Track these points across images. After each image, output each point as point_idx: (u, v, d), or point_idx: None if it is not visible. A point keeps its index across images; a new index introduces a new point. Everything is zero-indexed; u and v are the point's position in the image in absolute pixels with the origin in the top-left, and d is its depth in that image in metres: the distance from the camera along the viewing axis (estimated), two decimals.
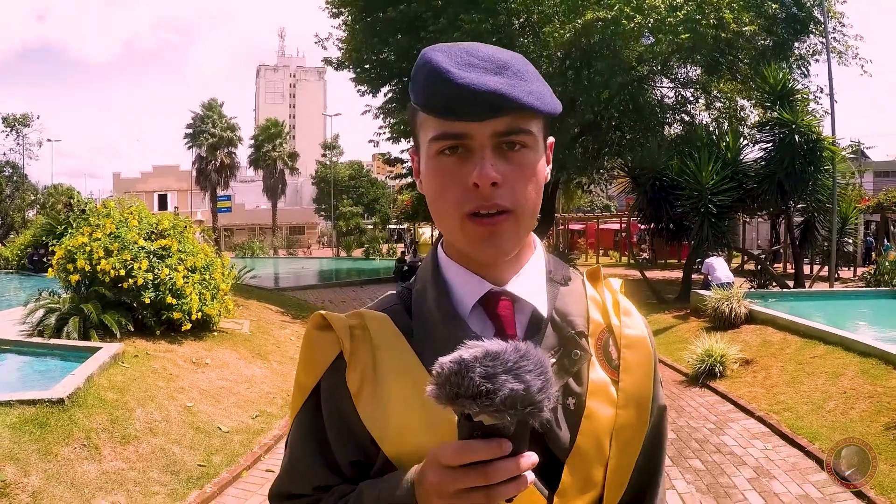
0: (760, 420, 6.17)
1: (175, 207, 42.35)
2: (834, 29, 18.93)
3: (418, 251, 29.70)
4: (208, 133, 40.96)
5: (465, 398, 0.72)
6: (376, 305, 1.04)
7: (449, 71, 0.85)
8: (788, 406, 6.26)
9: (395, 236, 48.47)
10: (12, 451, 4.41)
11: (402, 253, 27.23)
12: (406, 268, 22.79)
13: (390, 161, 24.22)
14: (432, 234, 41.91)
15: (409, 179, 24.95)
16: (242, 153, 46.94)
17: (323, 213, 48.46)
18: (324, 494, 0.98)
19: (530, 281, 0.99)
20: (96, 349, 6.50)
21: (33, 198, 35.84)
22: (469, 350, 0.74)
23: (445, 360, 0.74)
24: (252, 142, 45.46)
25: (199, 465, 5.10)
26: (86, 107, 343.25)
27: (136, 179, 50.45)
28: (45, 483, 4.26)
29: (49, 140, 44.96)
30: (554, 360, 0.94)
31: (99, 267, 7.51)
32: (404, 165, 23.68)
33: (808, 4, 17.21)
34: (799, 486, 4.75)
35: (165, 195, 47.92)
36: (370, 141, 20.67)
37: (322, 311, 1.00)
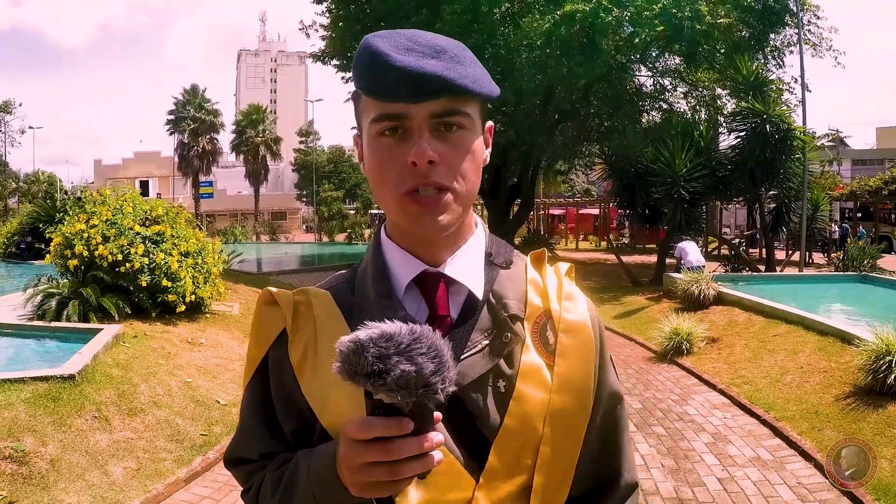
0: (721, 392, 6.66)
1: (157, 194, 42.37)
2: (809, 21, 19.42)
3: None
4: (190, 119, 40.90)
5: (361, 377, 0.75)
6: (325, 283, 1.09)
7: (388, 55, 0.88)
8: (748, 380, 6.74)
9: (377, 221, 48.78)
10: (29, 423, 4.77)
11: None
12: None
13: None
14: None
15: None
16: (224, 139, 46.99)
17: (305, 198, 48.55)
18: (269, 460, 1.03)
19: (467, 262, 1.01)
20: (97, 330, 6.83)
21: (14, 185, 35.71)
22: (366, 330, 0.77)
23: (345, 339, 0.77)
24: (234, 127, 45.45)
25: (202, 434, 5.49)
26: (62, 93, 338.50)
27: (117, 166, 50.26)
28: (61, 452, 4.63)
29: (31, 127, 44.79)
30: (486, 341, 0.97)
31: (97, 252, 7.82)
32: None
33: None
34: (752, 450, 5.23)
35: (147, 181, 47.82)
36: (353, 128, 20.96)
37: (270, 288, 1.06)
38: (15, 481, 4.25)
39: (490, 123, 1.02)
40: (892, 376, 5.39)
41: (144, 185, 47.59)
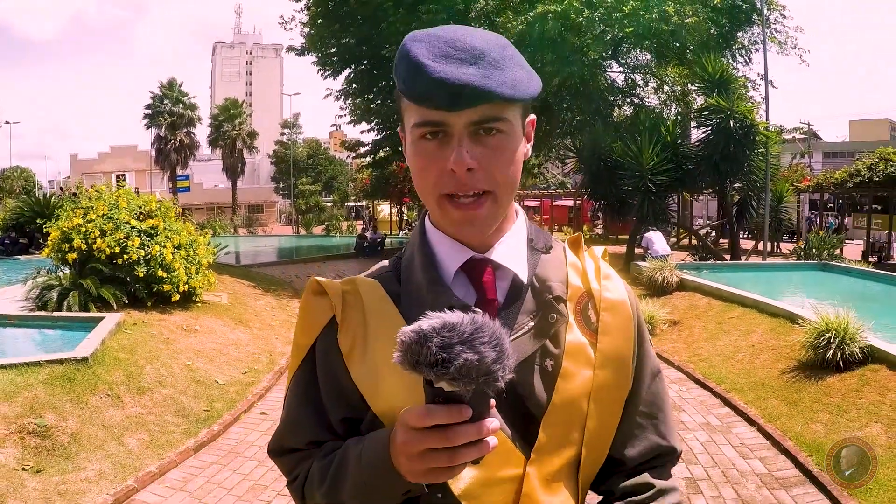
0: (679, 369, 7.27)
1: (135, 188, 42.21)
2: (776, 20, 20.14)
3: (378, 228, 30.41)
4: (167, 113, 40.91)
5: (423, 366, 0.76)
6: (369, 273, 1.12)
7: (426, 65, 0.89)
8: (704, 358, 7.36)
9: (353, 213, 49.08)
10: (49, 401, 5.23)
11: (363, 229, 27.97)
12: (366, 244, 23.46)
13: (352, 146, 24.91)
14: (390, 212, 42.71)
15: (369, 159, 25.67)
16: (201, 132, 46.99)
17: (283, 192, 48.74)
18: (316, 449, 1.05)
19: (511, 248, 1.04)
20: (100, 319, 7.28)
21: None
22: (428, 320, 0.77)
23: (407, 330, 0.77)
24: (211, 121, 45.47)
25: (205, 410, 5.99)
26: (32, 86, 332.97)
27: (93, 160, 49.97)
28: (80, 426, 5.10)
29: (7, 122, 44.54)
30: (532, 323, 1.00)
31: (95, 245, 8.26)
32: (364, 147, 24.35)
33: None
34: (703, 417, 5.83)
35: (123, 175, 47.73)
36: (333, 125, 21.51)
37: (318, 278, 1.08)
38: (40, 453, 4.71)
39: (532, 117, 1.03)
40: (831, 351, 6.01)
41: (121, 180, 47.58)
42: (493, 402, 0.82)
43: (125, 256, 8.28)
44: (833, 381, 5.85)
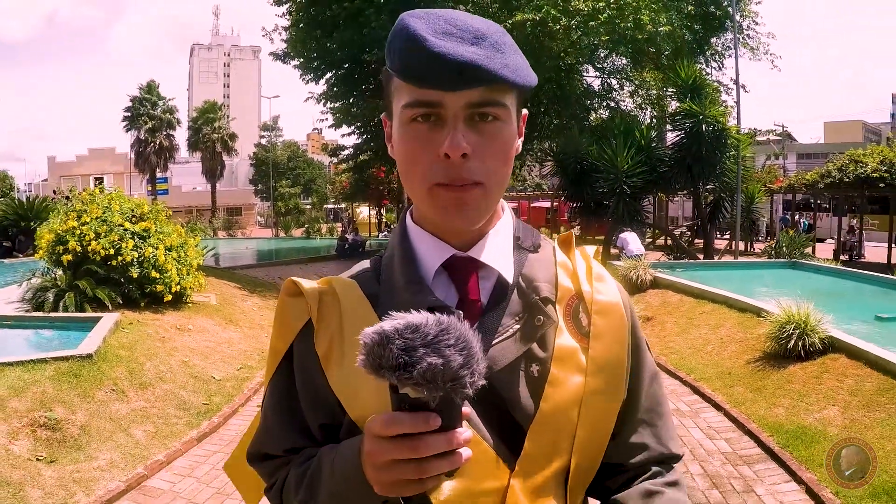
0: None
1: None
2: (748, 26, 20.75)
3: (358, 230, 30.68)
4: (147, 115, 40.90)
5: (385, 369, 0.72)
6: (349, 272, 1.07)
7: (426, 38, 0.84)
8: (676, 350, 7.78)
9: (332, 216, 49.28)
10: (57, 396, 5.51)
11: (343, 231, 28.24)
12: (347, 245, 23.76)
13: (334, 151, 25.18)
14: (369, 214, 43.01)
15: (350, 163, 25.95)
16: (179, 135, 46.92)
17: (263, 194, 48.85)
18: (294, 455, 1.01)
19: (496, 247, 0.99)
20: (97, 319, 7.52)
21: None
22: (391, 321, 0.74)
23: (369, 331, 0.74)
24: (190, 124, 45.45)
25: (204, 404, 6.29)
26: (6, 87, 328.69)
27: (71, 163, 49.83)
28: (89, 418, 5.39)
29: None
30: (518, 326, 0.95)
31: (90, 247, 8.51)
32: (345, 151, 24.63)
33: (725, 4, 18.84)
34: (673, 404, 6.24)
35: (102, 178, 47.60)
36: (314, 128, 21.77)
37: (294, 278, 1.04)
38: (51, 444, 4.99)
39: (525, 112, 1.00)
40: (792, 342, 6.44)
41: (99, 182, 47.42)
42: (466, 411, 0.78)
43: (119, 258, 8.54)
44: (795, 370, 6.27)
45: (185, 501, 4.56)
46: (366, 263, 1.08)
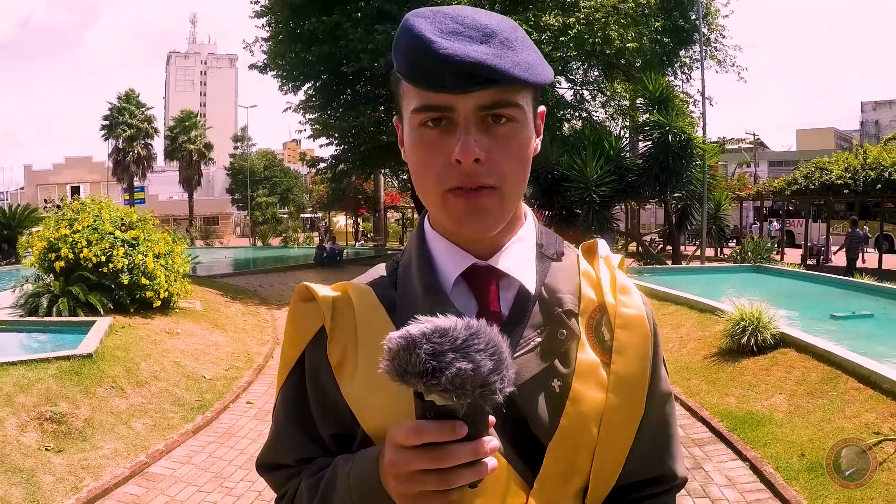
0: None
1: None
2: (716, 39, 21.51)
3: (336, 239, 31.00)
4: (126, 124, 40.96)
5: (412, 375, 0.70)
6: (364, 277, 1.03)
7: (432, 41, 0.81)
8: None
9: (309, 225, 49.50)
10: (61, 392, 5.88)
11: (321, 241, 28.57)
12: (325, 254, 24.07)
13: (312, 162, 25.52)
14: (346, 223, 43.33)
15: (329, 174, 26.26)
16: (157, 144, 46.92)
17: (240, 203, 49.01)
18: (306, 466, 0.99)
19: (518, 255, 0.96)
20: (90, 323, 7.89)
21: None
22: (418, 325, 0.72)
23: (394, 335, 0.72)
24: (168, 133, 45.54)
25: (197, 400, 6.69)
26: None
27: (48, 172, 49.69)
28: (91, 413, 5.77)
29: None
30: (540, 339, 0.92)
31: (82, 255, 8.87)
32: (323, 163, 24.93)
33: (693, 18, 19.53)
34: None
35: (78, 187, 47.53)
36: (293, 140, 22.12)
37: (307, 283, 1.01)
38: (58, 436, 5.36)
39: (542, 109, 0.98)
40: (745, 338, 6.97)
41: (76, 191, 47.33)
42: (492, 419, 0.75)
43: (110, 265, 8.90)
44: (747, 363, 6.81)
45: (186, 485, 4.97)
46: (381, 268, 1.04)
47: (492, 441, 0.75)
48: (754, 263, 16.44)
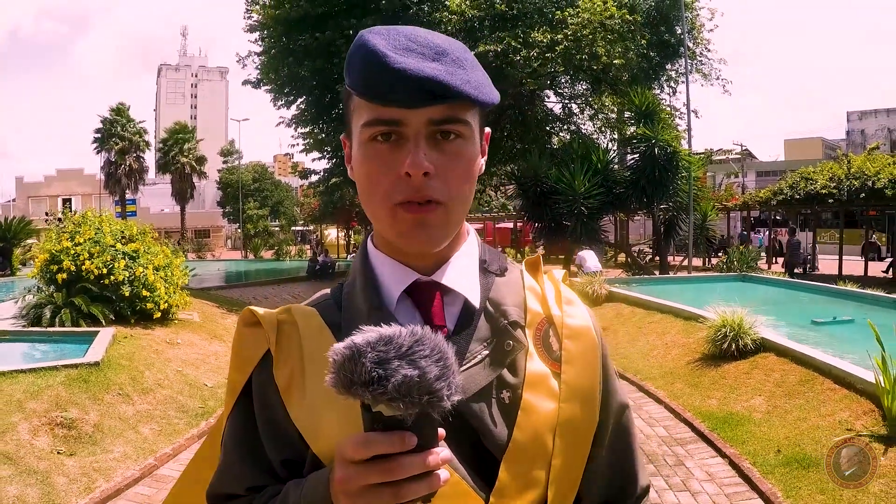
0: None
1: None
2: (701, 53, 21.93)
3: (328, 252, 31.24)
4: (118, 137, 41.14)
5: (358, 386, 0.69)
6: (310, 301, 1.04)
7: (386, 55, 0.82)
8: (626, 356, 8.61)
9: (300, 238, 49.71)
10: (70, 398, 6.11)
11: (314, 253, 28.85)
12: (318, 267, 24.33)
13: (304, 175, 25.77)
14: (337, 236, 43.60)
15: (321, 187, 26.54)
16: (148, 156, 47.04)
17: (231, 216, 49.16)
18: (256, 495, 0.96)
19: (462, 271, 0.97)
20: (94, 333, 8.11)
21: None
22: (363, 335, 0.71)
23: (339, 346, 0.71)
24: (160, 145, 45.71)
25: (200, 406, 6.93)
26: None
27: (39, 184, 49.75)
28: (100, 418, 6.00)
29: None
30: (487, 351, 0.92)
31: (84, 267, 9.10)
32: (315, 176, 25.20)
33: (679, 32, 19.94)
34: None
35: (70, 199, 47.62)
36: (286, 154, 22.32)
37: (251, 307, 1.01)
38: (68, 441, 5.59)
39: (488, 130, 0.98)
40: (726, 343, 7.28)
41: (67, 204, 47.42)
42: (442, 432, 0.75)
43: (112, 277, 9.13)
44: (729, 367, 7.12)
45: None
46: (326, 291, 1.04)
47: (443, 451, 0.74)
48: (740, 272, 16.81)
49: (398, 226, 0.89)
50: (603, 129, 22.30)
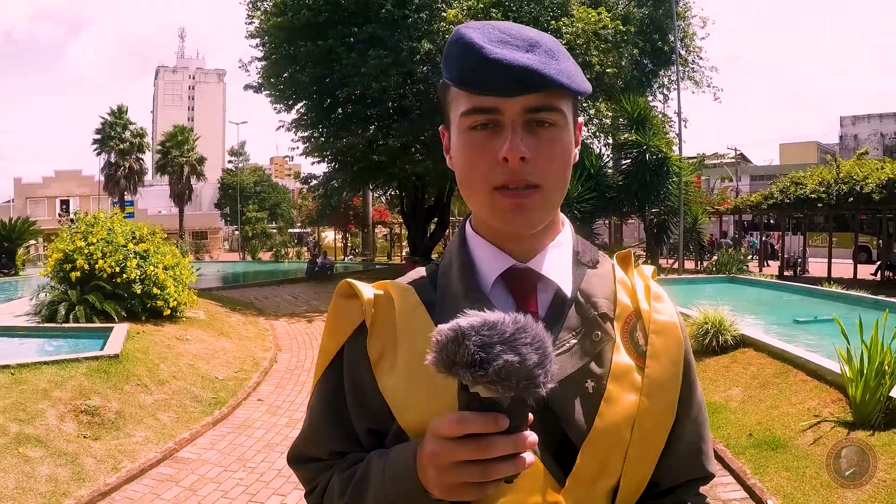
0: None
1: (84, 213, 42.11)
2: (693, 61, 22.40)
3: (327, 254, 31.57)
4: (118, 139, 41.43)
5: (459, 367, 0.71)
6: (404, 278, 1.06)
7: (482, 47, 0.86)
8: None
9: (297, 240, 50.01)
10: (93, 388, 6.53)
11: (314, 255, 29.16)
12: (317, 268, 24.70)
13: (305, 179, 26.16)
14: (334, 238, 43.89)
15: (321, 190, 26.91)
16: (146, 157, 47.24)
17: (229, 217, 49.48)
18: (339, 459, 1.00)
19: (556, 260, 0.99)
20: (108, 329, 8.54)
21: None
22: (467, 318, 0.73)
23: (444, 328, 0.73)
24: (159, 147, 45.98)
25: (213, 397, 7.36)
26: None
27: (38, 185, 49.98)
28: (122, 406, 6.42)
29: None
30: (575, 340, 0.94)
31: (97, 266, 9.52)
32: (315, 180, 25.57)
33: (672, 40, 20.35)
34: None
35: (68, 201, 47.91)
36: (286, 157, 22.62)
37: (350, 280, 1.03)
38: (92, 426, 6.01)
39: (581, 120, 1.00)
40: (708, 339, 7.73)
41: (65, 205, 47.65)
42: (531, 416, 0.76)
43: (124, 276, 9.55)
44: (710, 362, 7.56)
45: (213, 465, 5.64)
46: (421, 270, 1.07)
47: (531, 436, 0.76)
48: (728, 274, 17.25)
49: (497, 209, 0.92)
50: (597, 133, 22.72)
